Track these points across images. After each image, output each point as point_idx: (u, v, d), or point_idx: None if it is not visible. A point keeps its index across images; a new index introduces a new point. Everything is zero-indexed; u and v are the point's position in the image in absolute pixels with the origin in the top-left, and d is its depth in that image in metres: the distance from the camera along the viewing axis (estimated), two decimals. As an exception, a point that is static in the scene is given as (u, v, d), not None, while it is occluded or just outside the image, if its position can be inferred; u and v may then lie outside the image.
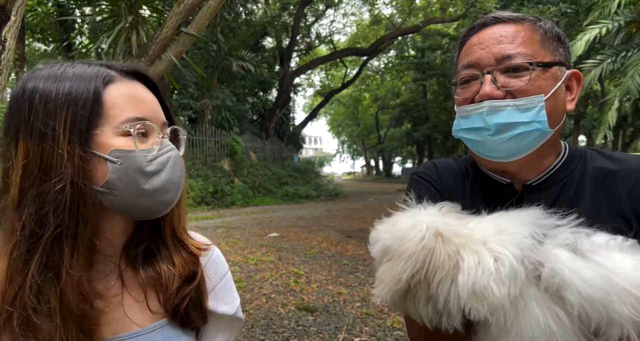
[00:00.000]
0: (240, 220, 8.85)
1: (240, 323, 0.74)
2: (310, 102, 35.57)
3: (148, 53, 2.50)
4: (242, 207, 11.49)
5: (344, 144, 49.07)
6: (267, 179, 13.91)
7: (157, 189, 0.60)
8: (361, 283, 4.32)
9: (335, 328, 3.17)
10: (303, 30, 20.46)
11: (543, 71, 0.71)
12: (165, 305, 0.64)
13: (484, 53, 0.73)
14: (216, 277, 0.72)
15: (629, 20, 6.48)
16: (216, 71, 14.31)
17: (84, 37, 8.59)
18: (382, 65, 25.65)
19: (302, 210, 11.09)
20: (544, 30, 0.74)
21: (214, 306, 0.69)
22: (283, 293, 3.93)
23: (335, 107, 36.91)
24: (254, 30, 17.08)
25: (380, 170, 41.64)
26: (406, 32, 19.96)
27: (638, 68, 5.58)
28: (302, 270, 4.73)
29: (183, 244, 0.69)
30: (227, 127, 13.87)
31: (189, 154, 12.28)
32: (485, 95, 0.71)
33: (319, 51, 24.81)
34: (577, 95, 0.76)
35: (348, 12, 22.23)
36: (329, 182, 17.53)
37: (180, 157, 0.65)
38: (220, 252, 0.76)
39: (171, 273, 0.64)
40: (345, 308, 3.60)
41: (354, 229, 7.86)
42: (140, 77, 0.65)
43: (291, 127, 20.69)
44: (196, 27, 3.06)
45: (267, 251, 5.63)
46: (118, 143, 0.58)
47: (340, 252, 5.79)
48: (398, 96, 27.33)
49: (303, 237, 6.87)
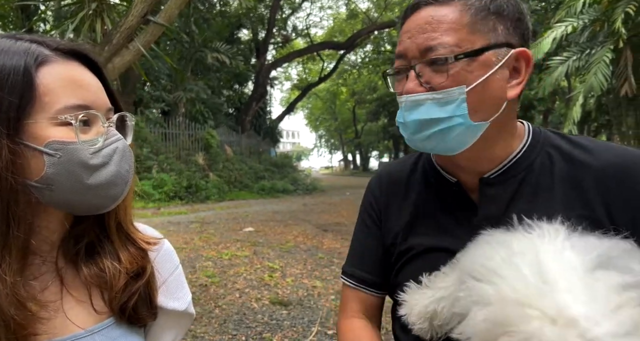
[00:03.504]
0: (215, 215, 8.72)
1: (191, 319, 0.70)
2: (287, 95, 35.36)
3: (112, 41, 2.40)
4: (217, 202, 11.33)
5: (322, 138, 49.15)
6: (243, 173, 13.76)
7: (103, 184, 0.55)
8: (336, 276, 4.34)
9: (309, 321, 3.17)
10: (279, 22, 20.23)
11: (469, 61, 0.63)
12: (111, 303, 0.60)
13: (409, 43, 0.66)
14: (166, 272, 0.68)
15: (593, 19, 6.73)
16: (190, 63, 13.98)
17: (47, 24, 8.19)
18: (359, 60, 25.75)
19: (279, 205, 11.04)
20: (476, 9, 0.64)
21: (163, 302, 0.66)
22: (257, 288, 3.90)
23: (313, 101, 36.84)
24: (229, 21, 16.77)
25: (358, 165, 41.96)
26: (382, 26, 20.06)
27: (601, 65, 5.81)
28: (277, 264, 4.71)
29: (130, 238, 0.64)
30: (201, 121, 13.61)
31: (162, 148, 11.99)
32: (408, 92, 0.66)
33: (296, 44, 24.63)
34: (526, 78, 0.67)
35: (325, 5, 22.22)
36: (306, 176, 17.53)
37: (129, 148, 0.59)
38: (170, 246, 0.72)
39: (116, 269, 0.60)
40: (320, 301, 3.61)
41: (331, 223, 7.88)
42: (80, 57, 0.57)
43: (268, 121, 20.51)
44: (165, 17, 2.96)
45: (242, 246, 5.58)
46: (56, 134, 0.52)
47: (316, 245, 5.80)
48: (375, 91, 27.52)
49: (279, 231, 6.85)
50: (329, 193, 15.33)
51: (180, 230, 6.59)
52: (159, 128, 12.44)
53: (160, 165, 11.16)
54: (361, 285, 0.83)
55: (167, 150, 12.19)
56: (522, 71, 0.67)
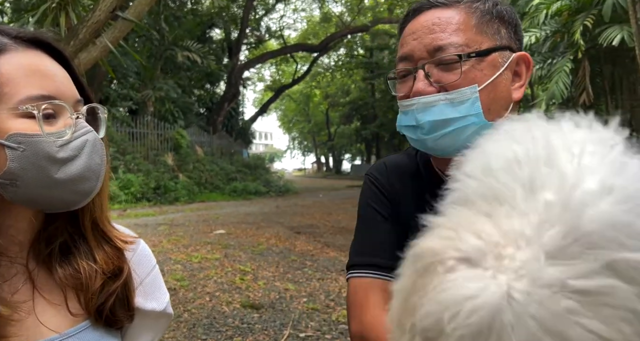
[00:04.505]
0: (184, 217, 8.52)
1: (169, 319, 0.69)
2: (260, 96, 35.10)
3: (78, 36, 2.30)
4: (187, 204, 11.08)
5: (295, 140, 49.04)
6: (214, 175, 13.52)
7: (73, 178, 0.52)
8: (308, 278, 4.34)
9: (281, 324, 3.15)
10: (253, 23, 20.08)
11: (478, 61, 0.64)
12: (87, 305, 0.57)
13: (416, 44, 0.67)
14: (143, 272, 0.66)
15: (555, 30, 7.08)
16: (160, 61, 13.63)
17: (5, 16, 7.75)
18: (332, 63, 25.93)
19: (251, 207, 10.92)
20: (481, 12, 0.67)
21: (141, 303, 0.64)
22: (228, 291, 3.84)
23: (286, 103, 36.73)
24: (200, 20, 16.48)
25: (331, 167, 42.15)
26: (355, 30, 20.30)
27: (561, 75, 6.12)
28: (249, 267, 4.66)
29: (106, 237, 0.62)
30: (171, 120, 13.28)
31: (129, 148, 11.60)
32: (418, 92, 0.66)
33: (269, 45, 24.51)
34: (527, 80, 0.70)
35: (298, 7, 22.18)
36: (279, 178, 17.42)
37: (100, 140, 0.56)
38: (146, 245, 0.70)
39: (92, 270, 0.57)
40: (292, 304, 3.59)
41: (303, 225, 7.87)
42: (43, 46, 0.54)
43: (240, 122, 20.29)
44: (135, 13, 2.88)
45: (213, 248, 5.47)
46: (18, 127, 0.49)
47: (288, 248, 5.78)
48: (348, 94, 27.79)
49: (251, 233, 6.77)
50: (302, 195, 15.31)
51: (148, 233, 6.39)
52: (125, 127, 12.04)
53: (126, 165, 10.80)
54: (383, 273, 0.75)
55: (135, 149, 11.81)
56: (523, 74, 0.69)
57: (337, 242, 6.11)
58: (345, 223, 8.23)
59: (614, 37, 5.90)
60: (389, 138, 26.58)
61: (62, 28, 2.84)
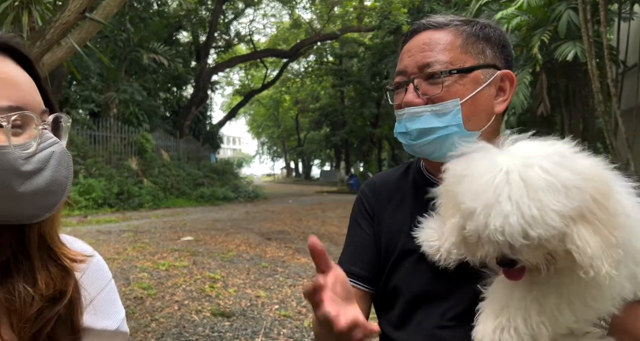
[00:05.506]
0: (149, 223, 8.25)
1: (124, 338, 0.64)
2: (228, 101, 34.61)
3: (45, 37, 2.21)
4: (152, 210, 10.73)
5: (264, 145, 48.66)
6: (181, 180, 13.19)
7: (37, 191, 0.49)
8: (280, 285, 4.32)
9: (252, 332, 3.12)
10: (222, 26, 19.86)
11: (461, 77, 0.74)
12: (20, 333, 0.51)
13: (410, 61, 0.77)
14: (95, 289, 0.61)
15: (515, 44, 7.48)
16: (124, 62, 13.18)
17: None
18: (302, 69, 26.03)
19: (220, 213, 10.74)
20: (467, 34, 0.76)
21: (91, 322, 0.59)
22: (197, 299, 3.76)
23: (255, 108, 36.43)
24: (167, 22, 16.14)
25: (300, 172, 42.11)
26: (325, 37, 20.52)
27: (521, 86, 6.46)
28: (219, 274, 4.58)
29: (53, 255, 0.56)
30: (135, 123, 12.85)
31: (91, 152, 11.11)
32: (408, 103, 0.75)
33: (238, 49, 24.29)
34: (510, 96, 0.79)
35: (268, 13, 22.15)
36: (248, 183, 17.22)
37: (67, 152, 0.53)
38: (101, 260, 0.65)
39: (28, 295, 0.51)
40: (264, 311, 3.57)
41: (274, 231, 7.83)
42: (9, 52, 0.51)
43: (208, 126, 19.93)
44: (103, 14, 2.80)
45: (180, 256, 5.34)
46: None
47: (259, 254, 5.73)
48: (318, 100, 27.94)
49: (220, 240, 6.66)
50: (271, 201, 15.21)
51: (111, 240, 6.14)
52: (87, 130, 11.55)
53: (87, 170, 10.34)
54: (355, 281, 0.84)
55: (96, 153, 11.34)
56: (507, 90, 0.79)
57: (308, 248, 6.10)
58: (316, 229, 8.26)
59: (568, 52, 6.31)
60: (358, 145, 26.93)
61: (25, 28, 2.71)
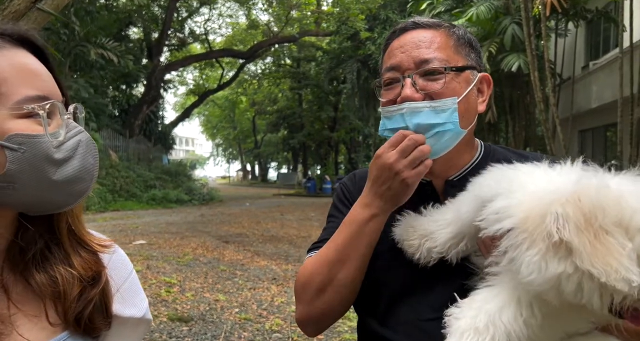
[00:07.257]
0: (97, 227, 7.73)
1: (148, 325, 0.67)
2: (182, 100, 33.48)
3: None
4: (99, 212, 10.14)
5: (219, 147, 47.53)
6: (131, 181, 12.59)
7: (69, 179, 0.51)
8: (240, 288, 4.26)
9: (212, 336, 3.05)
10: (175, 24, 19.23)
11: (456, 75, 0.76)
12: (66, 314, 0.55)
13: (404, 56, 0.77)
14: (120, 278, 0.64)
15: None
16: (68, 57, 12.35)
17: None
18: (259, 71, 25.77)
19: (173, 216, 10.35)
20: (457, 37, 0.80)
21: (119, 309, 0.61)
22: (153, 305, 3.61)
23: (210, 108, 35.51)
24: (117, 17, 15.36)
25: (257, 175, 41.59)
26: (283, 40, 20.48)
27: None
28: (175, 278, 4.42)
29: (82, 242, 0.59)
30: (81, 122, 12.10)
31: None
32: (406, 98, 0.75)
33: (193, 49, 23.61)
34: (487, 97, 0.83)
35: (224, 13, 21.72)
36: (202, 185, 16.75)
37: (92, 141, 0.56)
38: (122, 250, 0.68)
39: (70, 276, 0.55)
40: (223, 315, 3.50)
41: (232, 234, 7.68)
42: (28, 44, 0.53)
43: (160, 126, 19.20)
44: (53, 4, 2.63)
45: (133, 260, 5.03)
46: (18, 127, 0.48)
47: (217, 257, 5.59)
48: (275, 102, 27.77)
49: (175, 243, 6.42)
50: (227, 203, 14.89)
51: (53, 247, 5.73)
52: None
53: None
54: None
55: (36, 154, 10.54)
56: (485, 91, 0.83)
57: (268, 251, 6.06)
58: (275, 231, 8.20)
59: (513, 63, 6.79)
60: (315, 148, 27.09)
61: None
